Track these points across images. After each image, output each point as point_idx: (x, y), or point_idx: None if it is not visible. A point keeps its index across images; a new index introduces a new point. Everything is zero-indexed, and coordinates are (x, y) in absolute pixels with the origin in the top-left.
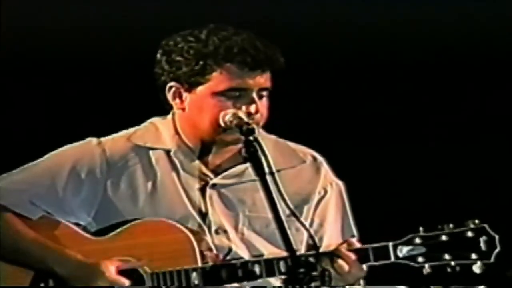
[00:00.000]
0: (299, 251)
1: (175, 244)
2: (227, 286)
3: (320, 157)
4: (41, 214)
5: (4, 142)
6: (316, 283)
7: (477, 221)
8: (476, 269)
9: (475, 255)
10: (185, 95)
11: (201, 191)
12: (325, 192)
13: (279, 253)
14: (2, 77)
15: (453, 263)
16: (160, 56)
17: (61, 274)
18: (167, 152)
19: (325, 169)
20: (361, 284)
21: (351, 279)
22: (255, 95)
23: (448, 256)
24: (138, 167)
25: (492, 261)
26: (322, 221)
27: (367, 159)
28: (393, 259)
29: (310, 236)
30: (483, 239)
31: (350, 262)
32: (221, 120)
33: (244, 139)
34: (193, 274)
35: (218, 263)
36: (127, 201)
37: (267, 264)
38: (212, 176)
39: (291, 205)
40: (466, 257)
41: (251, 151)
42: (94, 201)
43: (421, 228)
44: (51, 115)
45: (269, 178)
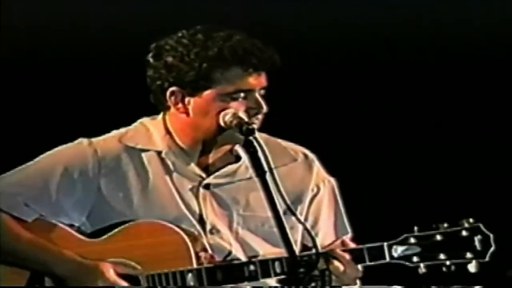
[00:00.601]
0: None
1: (170, 245)
2: (223, 287)
3: (311, 155)
4: (36, 216)
5: (4, 142)
6: (316, 283)
7: (471, 220)
8: (471, 268)
9: (470, 254)
10: (188, 99)
11: (194, 192)
12: (318, 189)
13: (274, 252)
14: (2, 77)
15: (448, 263)
16: (153, 59)
17: (59, 275)
18: (159, 153)
19: (317, 166)
20: (358, 284)
21: (346, 279)
22: (257, 95)
23: (443, 255)
24: (130, 168)
25: (487, 260)
26: (316, 219)
27: (360, 157)
28: (388, 259)
29: (309, 235)
30: (477, 238)
31: (345, 262)
32: (221, 120)
33: (244, 139)
34: (189, 275)
35: (213, 264)
36: (120, 202)
37: (262, 265)
38: (204, 176)
39: (289, 203)
40: (461, 256)
41: (251, 151)
42: (87, 202)
43: (415, 227)
44: (51, 115)
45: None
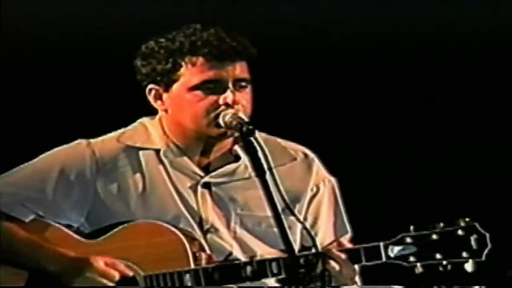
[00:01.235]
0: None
1: (167, 246)
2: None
3: (311, 154)
4: (33, 216)
5: (4, 142)
6: (316, 283)
7: (467, 220)
8: (467, 267)
9: (466, 254)
10: (165, 96)
11: (193, 190)
12: (318, 189)
13: (271, 252)
14: (2, 77)
15: (444, 262)
16: (138, 61)
17: (53, 271)
18: (157, 151)
19: (317, 165)
20: (357, 283)
21: (342, 279)
22: (231, 86)
23: (439, 255)
24: (128, 168)
25: (483, 259)
26: (315, 219)
27: (356, 157)
28: (384, 259)
29: (309, 235)
30: (474, 238)
31: (341, 262)
32: (221, 120)
33: (243, 138)
34: (186, 276)
35: (211, 264)
36: (118, 202)
37: (259, 265)
38: (203, 174)
39: (289, 203)
40: (457, 255)
41: (251, 151)
42: (85, 202)
43: (411, 227)
44: (51, 115)
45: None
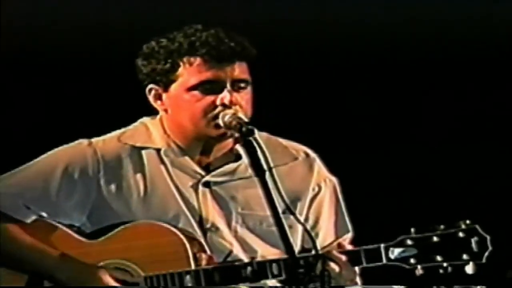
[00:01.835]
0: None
1: (168, 246)
2: None
3: (313, 154)
4: (35, 217)
5: (4, 142)
6: (315, 284)
7: (468, 222)
8: (468, 269)
9: (466, 256)
10: (164, 96)
11: (194, 189)
12: (319, 188)
13: (272, 251)
14: (2, 77)
15: (445, 264)
16: (139, 61)
17: (58, 279)
18: (158, 151)
19: (318, 165)
20: (357, 285)
21: (342, 281)
22: (229, 87)
23: (440, 257)
24: (129, 167)
25: (483, 261)
26: (317, 218)
27: (356, 158)
28: (385, 261)
29: (309, 235)
30: (474, 240)
31: (341, 264)
32: (221, 120)
33: (243, 138)
34: (187, 277)
35: (211, 264)
36: (120, 201)
37: (259, 266)
38: (204, 174)
39: (288, 203)
40: (458, 258)
41: (251, 151)
42: (87, 202)
43: (412, 229)
44: (51, 115)
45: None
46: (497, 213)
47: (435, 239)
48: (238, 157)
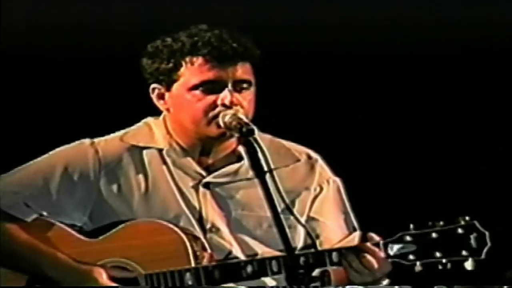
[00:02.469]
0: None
1: (168, 245)
2: (221, 286)
3: (315, 155)
4: (35, 216)
5: (6, 142)
6: (315, 284)
7: (467, 218)
8: (467, 266)
9: (465, 252)
10: (167, 95)
11: (195, 190)
12: (321, 189)
13: (272, 252)
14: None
15: (444, 260)
16: (144, 60)
17: (52, 277)
18: (160, 151)
19: (321, 166)
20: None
21: (379, 274)
22: (230, 87)
23: (439, 253)
24: (131, 167)
25: (482, 257)
26: (318, 218)
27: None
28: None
29: (309, 236)
30: (473, 236)
31: (378, 257)
32: (221, 121)
33: (243, 139)
34: (187, 275)
35: (212, 263)
36: (121, 201)
37: (259, 264)
38: (205, 174)
39: (288, 203)
40: (457, 254)
41: (251, 152)
42: (88, 202)
43: (411, 225)
44: (51, 115)
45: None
46: (496, 210)
47: (434, 235)
48: (240, 158)
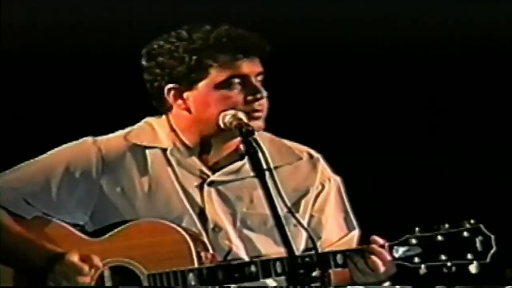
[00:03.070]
0: (298, 249)
1: (171, 245)
2: (224, 287)
3: (316, 154)
4: (36, 213)
5: (8, 141)
6: (315, 284)
7: (472, 221)
8: (472, 269)
9: (471, 255)
10: (187, 94)
11: (199, 189)
12: (323, 187)
13: (277, 250)
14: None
15: (449, 264)
16: (146, 62)
17: (39, 267)
18: (164, 150)
19: (322, 165)
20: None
21: (383, 276)
22: (254, 81)
23: (444, 256)
24: (134, 166)
25: (488, 261)
26: (320, 216)
27: (362, 157)
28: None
29: (309, 236)
30: (479, 239)
31: (385, 259)
32: (221, 121)
33: (243, 139)
34: (190, 275)
35: (215, 263)
36: (123, 200)
37: (263, 265)
38: (209, 173)
39: (289, 203)
40: (462, 257)
41: (251, 152)
42: (90, 200)
43: (417, 228)
44: (55, 114)
45: (268, 177)
46: (502, 213)
47: (439, 238)
48: (242, 156)
